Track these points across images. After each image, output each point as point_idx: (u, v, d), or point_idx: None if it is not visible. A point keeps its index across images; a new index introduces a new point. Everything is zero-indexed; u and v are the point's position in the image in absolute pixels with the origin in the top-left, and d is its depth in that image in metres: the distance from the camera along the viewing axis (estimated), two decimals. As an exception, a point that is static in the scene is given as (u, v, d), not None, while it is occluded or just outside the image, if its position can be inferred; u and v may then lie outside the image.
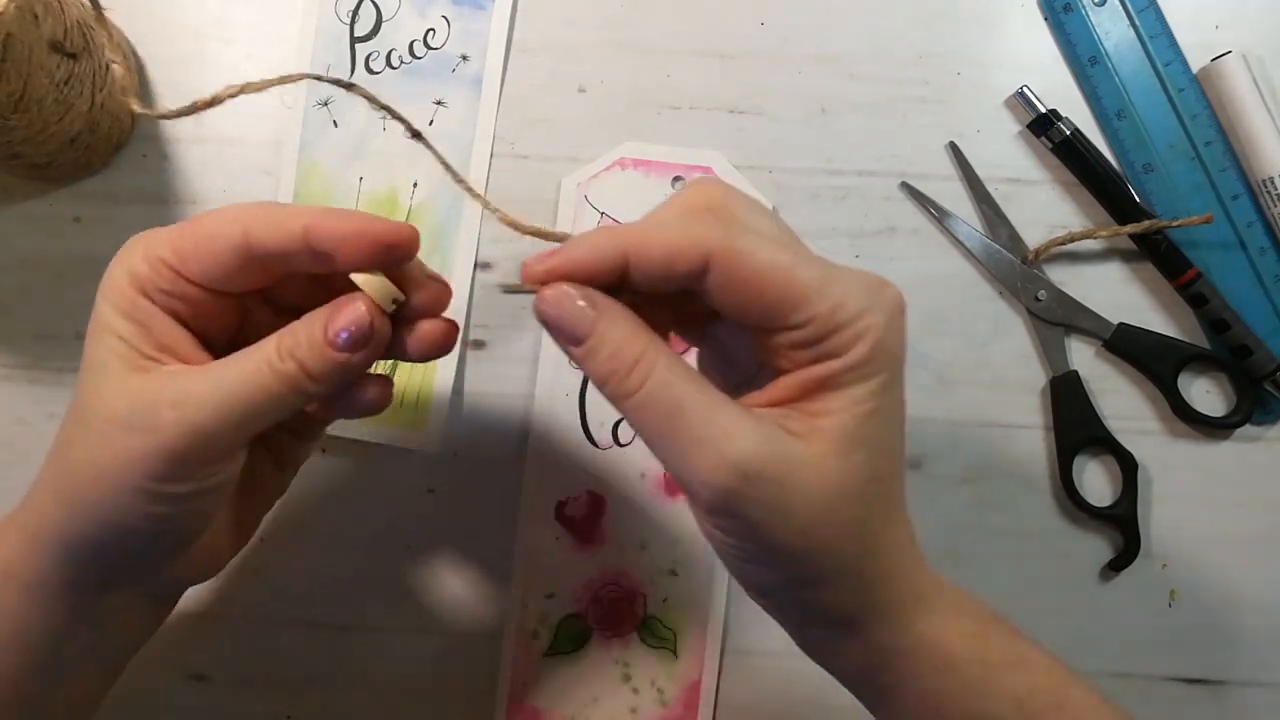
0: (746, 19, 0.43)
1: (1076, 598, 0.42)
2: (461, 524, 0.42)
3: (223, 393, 0.28)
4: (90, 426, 0.29)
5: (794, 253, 0.27)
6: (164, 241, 0.29)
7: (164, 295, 0.29)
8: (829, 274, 0.27)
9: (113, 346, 0.29)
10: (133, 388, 0.28)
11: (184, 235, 0.29)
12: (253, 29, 0.43)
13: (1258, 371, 0.41)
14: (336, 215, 0.29)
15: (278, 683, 0.42)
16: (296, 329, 0.29)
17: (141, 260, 0.29)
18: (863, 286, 0.27)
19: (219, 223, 0.29)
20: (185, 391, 0.28)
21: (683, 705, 0.41)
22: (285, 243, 0.29)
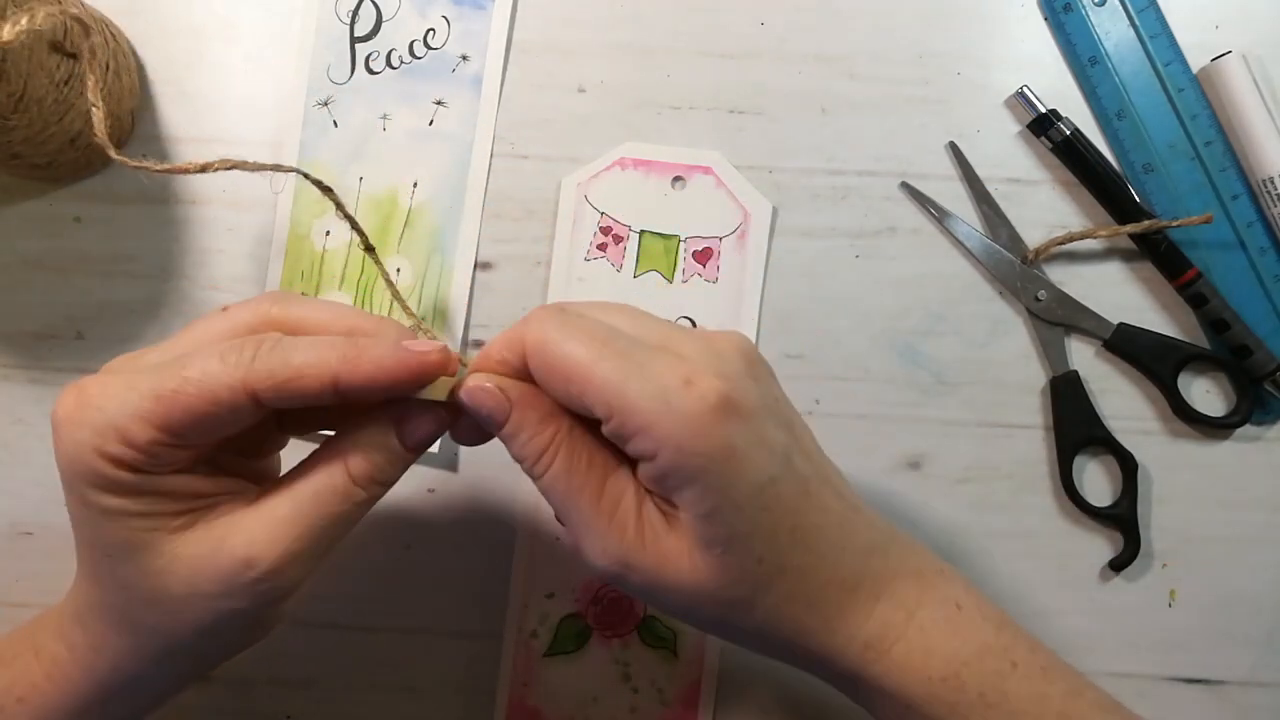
0: (746, 19, 0.43)
1: (1076, 598, 0.42)
2: (461, 524, 0.42)
3: (311, 544, 0.28)
4: (166, 604, 0.28)
5: (600, 348, 0.26)
6: (145, 423, 0.25)
7: (163, 465, 0.27)
8: (629, 371, 0.26)
9: (134, 527, 0.27)
10: (199, 556, 0.27)
11: (173, 410, 0.26)
12: (253, 29, 0.43)
13: (1258, 371, 0.41)
14: (364, 361, 0.27)
15: (278, 683, 0.42)
16: (369, 451, 0.28)
17: (120, 446, 0.26)
18: (660, 388, 0.26)
19: (216, 392, 0.26)
20: (280, 558, 0.27)
21: (683, 705, 0.41)
22: (309, 401, 0.27)
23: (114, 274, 0.42)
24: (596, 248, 0.42)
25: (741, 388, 0.27)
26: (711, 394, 0.26)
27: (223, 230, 0.42)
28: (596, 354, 0.26)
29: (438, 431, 0.29)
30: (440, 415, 0.29)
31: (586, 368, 0.26)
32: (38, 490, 0.42)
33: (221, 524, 0.28)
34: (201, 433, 0.27)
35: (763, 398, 0.28)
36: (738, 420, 0.26)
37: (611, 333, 0.27)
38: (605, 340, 0.27)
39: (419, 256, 0.42)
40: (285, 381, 0.26)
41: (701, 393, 0.26)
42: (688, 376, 0.26)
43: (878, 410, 0.42)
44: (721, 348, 0.28)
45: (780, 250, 0.43)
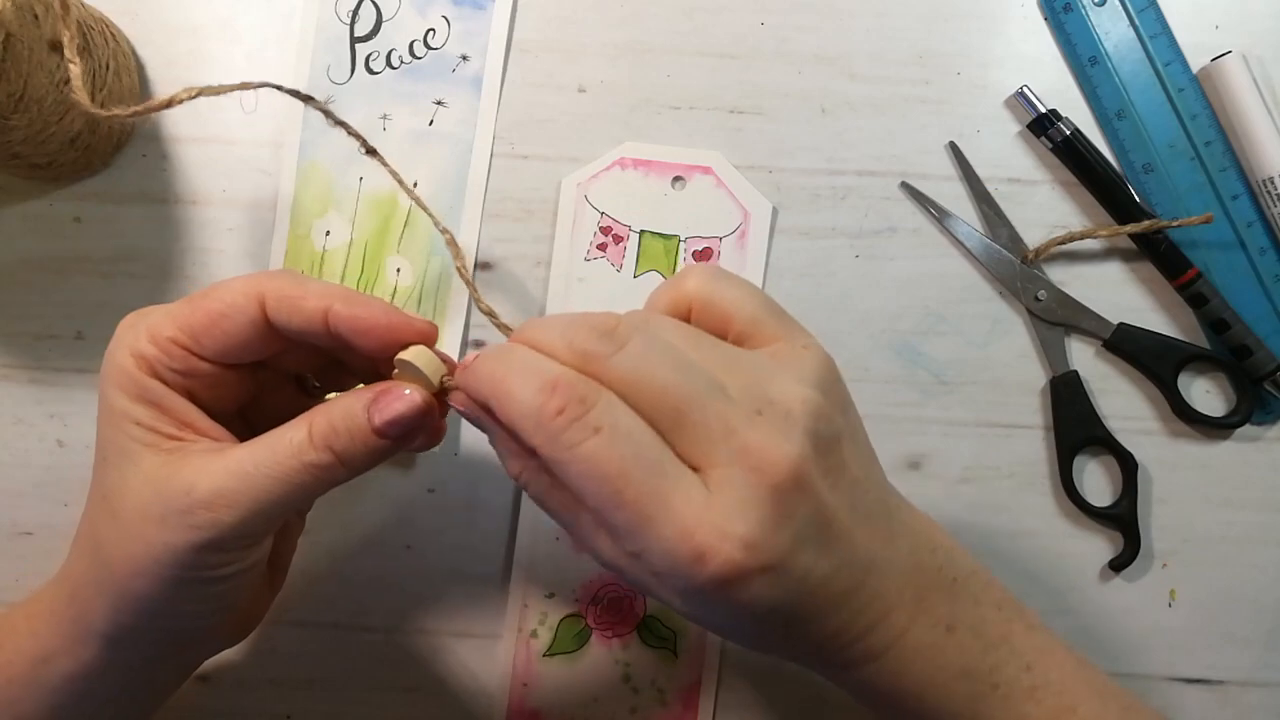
0: (746, 19, 0.43)
1: (1076, 598, 0.42)
2: (461, 524, 0.42)
3: (255, 490, 0.27)
4: (121, 519, 0.28)
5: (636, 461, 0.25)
6: (170, 320, 0.28)
7: (176, 375, 0.29)
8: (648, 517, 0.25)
9: (132, 433, 0.28)
10: (160, 478, 0.28)
11: (194, 312, 0.28)
12: (253, 29, 0.43)
13: (1258, 371, 0.41)
14: (358, 304, 0.28)
15: (278, 683, 0.42)
16: (334, 417, 0.28)
17: (148, 342, 0.28)
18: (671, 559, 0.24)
19: (232, 298, 0.28)
20: (215, 491, 0.27)
21: (682, 705, 0.41)
22: (303, 324, 0.28)
23: (114, 274, 0.42)
24: (596, 248, 0.42)
25: (769, 544, 0.25)
26: (722, 567, 0.24)
27: (223, 230, 0.42)
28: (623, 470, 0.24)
29: (408, 417, 0.28)
30: (412, 401, 0.28)
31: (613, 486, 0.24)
32: (38, 490, 0.42)
33: (197, 460, 0.28)
34: (215, 340, 0.28)
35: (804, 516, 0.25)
36: (757, 577, 0.25)
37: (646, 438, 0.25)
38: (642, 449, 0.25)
39: (419, 256, 0.42)
40: (291, 298, 0.28)
41: (712, 571, 0.24)
42: (702, 551, 0.24)
43: (878, 410, 0.42)
44: (786, 406, 0.26)
45: (780, 250, 0.43)
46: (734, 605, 0.25)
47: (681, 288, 0.29)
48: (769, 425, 0.25)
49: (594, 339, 0.25)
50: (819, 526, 0.26)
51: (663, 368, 0.25)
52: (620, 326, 0.26)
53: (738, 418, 0.25)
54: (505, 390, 0.25)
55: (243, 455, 0.28)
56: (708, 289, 0.28)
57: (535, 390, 0.25)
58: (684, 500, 0.24)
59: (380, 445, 0.28)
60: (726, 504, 0.24)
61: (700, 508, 0.24)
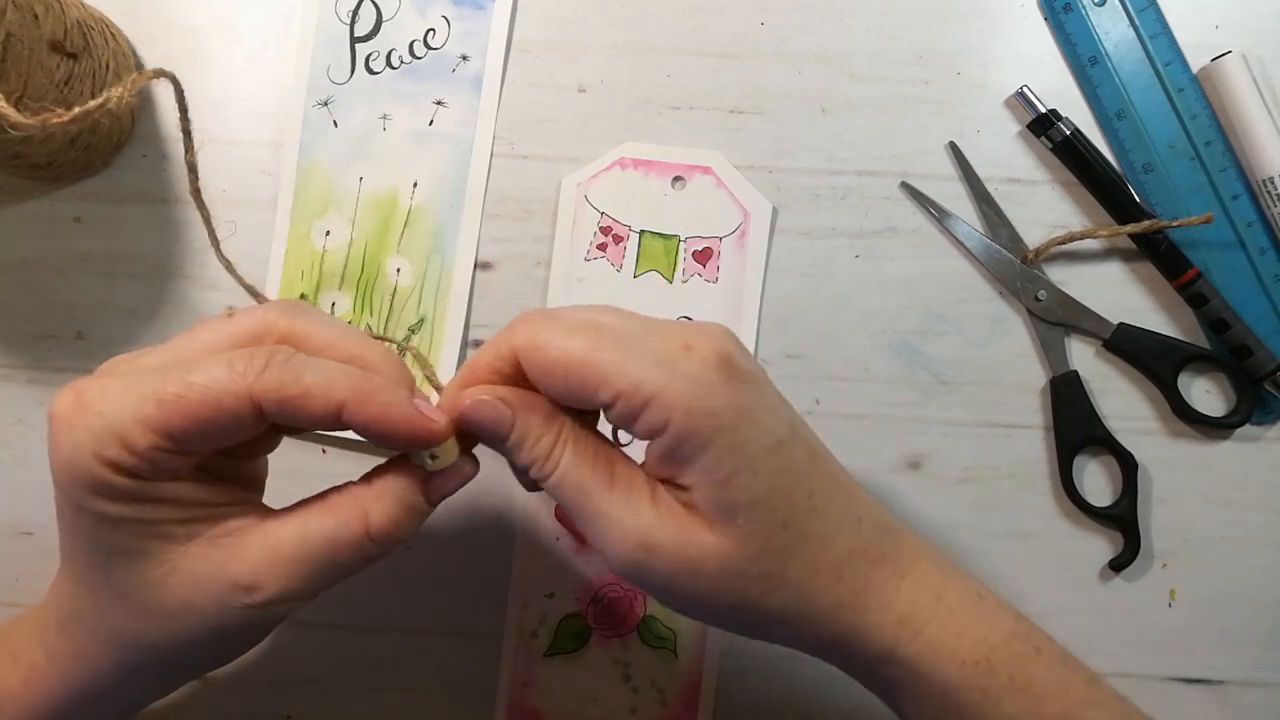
0: (746, 19, 0.43)
1: (1076, 598, 0.42)
2: (461, 524, 0.42)
3: (305, 584, 0.28)
4: (170, 613, 0.27)
5: (595, 337, 0.27)
6: (143, 426, 0.25)
7: (166, 472, 0.26)
8: (627, 351, 0.27)
9: (140, 532, 0.27)
10: (203, 579, 0.27)
11: (172, 415, 0.25)
12: (253, 29, 0.43)
13: (1258, 371, 0.41)
14: (371, 403, 0.27)
15: (278, 683, 0.42)
16: (390, 511, 0.28)
17: (120, 450, 0.25)
18: (660, 357, 0.27)
19: (218, 399, 0.25)
20: (262, 588, 0.27)
21: (682, 705, 0.41)
22: (310, 424, 0.27)
23: (114, 274, 0.42)
24: (596, 248, 0.42)
25: (740, 353, 0.28)
26: (712, 355, 0.27)
27: (223, 230, 0.42)
28: (592, 343, 0.27)
29: (461, 485, 0.30)
30: (464, 472, 0.30)
31: (584, 356, 0.27)
32: (38, 490, 0.42)
33: (226, 544, 0.27)
34: (202, 440, 0.26)
35: (757, 366, 0.29)
36: (741, 380, 0.27)
37: (600, 322, 0.28)
38: (598, 330, 0.27)
39: (419, 256, 0.42)
40: (292, 398, 0.26)
41: (703, 354, 0.27)
42: (686, 343, 0.27)
43: (878, 410, 0.42)
44: (708, 328, 0.29)
45: (780, 250, 0.43)
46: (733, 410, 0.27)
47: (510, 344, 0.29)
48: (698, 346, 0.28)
49: None
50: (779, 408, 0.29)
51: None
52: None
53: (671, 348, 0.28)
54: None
55: (292, 550, 0.27)
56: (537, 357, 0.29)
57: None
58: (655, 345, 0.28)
59: (427, 515, 0.30)
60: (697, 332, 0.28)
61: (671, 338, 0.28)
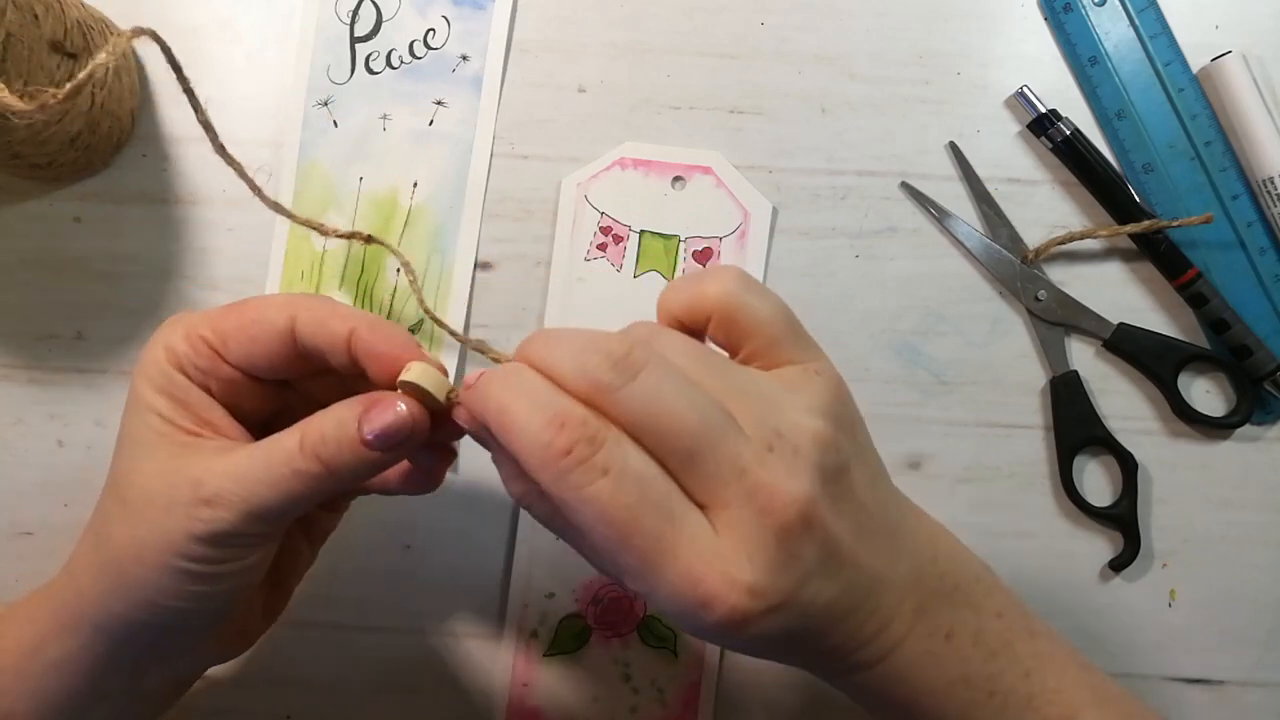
0: (746, 19, 0.43)
1: (1076, 598, 0.42)
2: (461, 524, 0.42)
3: (247, 493, 0.28)
4: (128, 504, 0.29)
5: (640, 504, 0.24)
6: (205, 321, 0.30)
7: (200, 373, 0.29)
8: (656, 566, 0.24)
9: (151, 424, 0.29)
10: (171, 469, 0.28)
11: (227, 316, 0.29)
12: (253, 29, 0.43)
13: (1258, 371, 0.41)
14: (382, 330, 0.29)
15: (278, 683, 0.42)
16: (324, 425, 0.28)
17: (181, 339, 0.29)
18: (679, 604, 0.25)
19: (264, 308, 0.29)
20: (216, 489, 0.28)
21: (683, 705, 0.41)
22: (327, 342, 0.29)
23: (114, 274, 0.42)
24: (596, 248, 0.42)
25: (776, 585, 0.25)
26: (729, 614, 0.24)
27: (223, 230, 0.42)
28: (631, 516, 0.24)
29: (396, 429, 0.28)
30: (401, 414, 0.28)
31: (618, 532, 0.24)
32: (38, 490, 0.42)
33: (206, 455, 0.29)
34: (243, 347, 0.29)
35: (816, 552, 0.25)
36: (762, 619, 0.25)
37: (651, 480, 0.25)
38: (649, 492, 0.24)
39: (419, 256, 0.42)
40: (320, 316, 0.29)
41: (718, 617, 0.24)
42: (709, 598, 0.24)
43: (878, 410, 0.42)
44: (795, 441, 0.25)
45: (780, 250, 0.43)
46: (739, 640, 0.25)
47: (704, 293, 0.28)
48: (778, 463, 0.25)
49: (606, 368, 0.24)
50: (825, 559, 0.26)
51: (676, 403, 0.24)
52: (632, 354, 0.25)
53: (748, 456, 0.25)
54: (510, 419, 0.25)
55: (241, 457, 0.28)
56: (733, 300, 0.28)
57: (542, 425, 0.24)
58: (690, 545, 0.24)
59: (369, 457, 0.28)
60: (734, 548, 0.24)
61: (707, 552, 0.24)
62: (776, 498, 0.24)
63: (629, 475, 0.24)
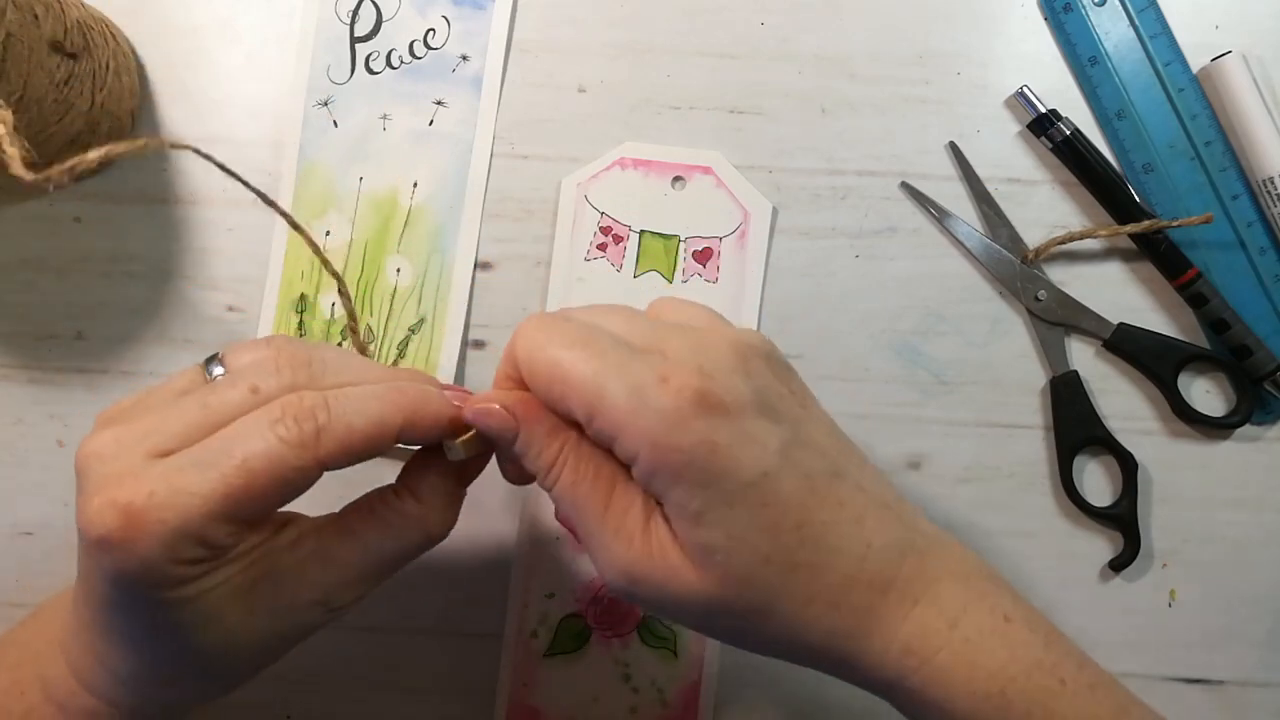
0: (746, 19, 0.43)
1: (1076, 598, 0.42)
2: (462, 524, 0.42)
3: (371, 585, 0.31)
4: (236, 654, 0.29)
5: (582, 353, 0.27)
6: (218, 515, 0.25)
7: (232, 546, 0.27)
8: (608, 374, 0.26)
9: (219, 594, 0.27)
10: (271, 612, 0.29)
11: (246, 498, 0.26)
12: (253, 29, 0.43)
13: (1258, 371, 0.41)
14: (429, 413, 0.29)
15: (278, 682, 0.42)
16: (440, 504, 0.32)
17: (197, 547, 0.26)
18: (635, 386, 0.26)
19: (285, 471, 0.26)
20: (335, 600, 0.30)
21: (683, 705, 0.41)
22: (374, 454, 0.29)
23: (114, 274, 0.42)
24: (596, 248, 0.42)
25: (725, 384, 0.27)
26: (686, 390, 0.26)
27: (223, 230, 0.42)
28: (575, 356, 0.27)
29: (484, 466, 0.33)
30: (488, 452, 0.32)
31: (565, 370, 0.27)
32: (38, 490, 0.42)
33: (290, 578, 0.29)
34: (272, 508, 0.28)
35: (754, 392, 0.27)
36: (718, 416, 0.26)
37: (594, 334, 0.27)
38: (586, 342, 0.27)
39: (419, 256, 0.42)
40: (355, 446, 0.27)
41: (676, 388, 0.26)
42: (664, 374, 0.26)
43: (878, 410, 0.42)
44: (712, 342, 0.28)
45: (780, 250, 0.43)
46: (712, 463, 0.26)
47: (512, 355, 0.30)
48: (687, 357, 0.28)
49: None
50: (781, 415, 0.28)
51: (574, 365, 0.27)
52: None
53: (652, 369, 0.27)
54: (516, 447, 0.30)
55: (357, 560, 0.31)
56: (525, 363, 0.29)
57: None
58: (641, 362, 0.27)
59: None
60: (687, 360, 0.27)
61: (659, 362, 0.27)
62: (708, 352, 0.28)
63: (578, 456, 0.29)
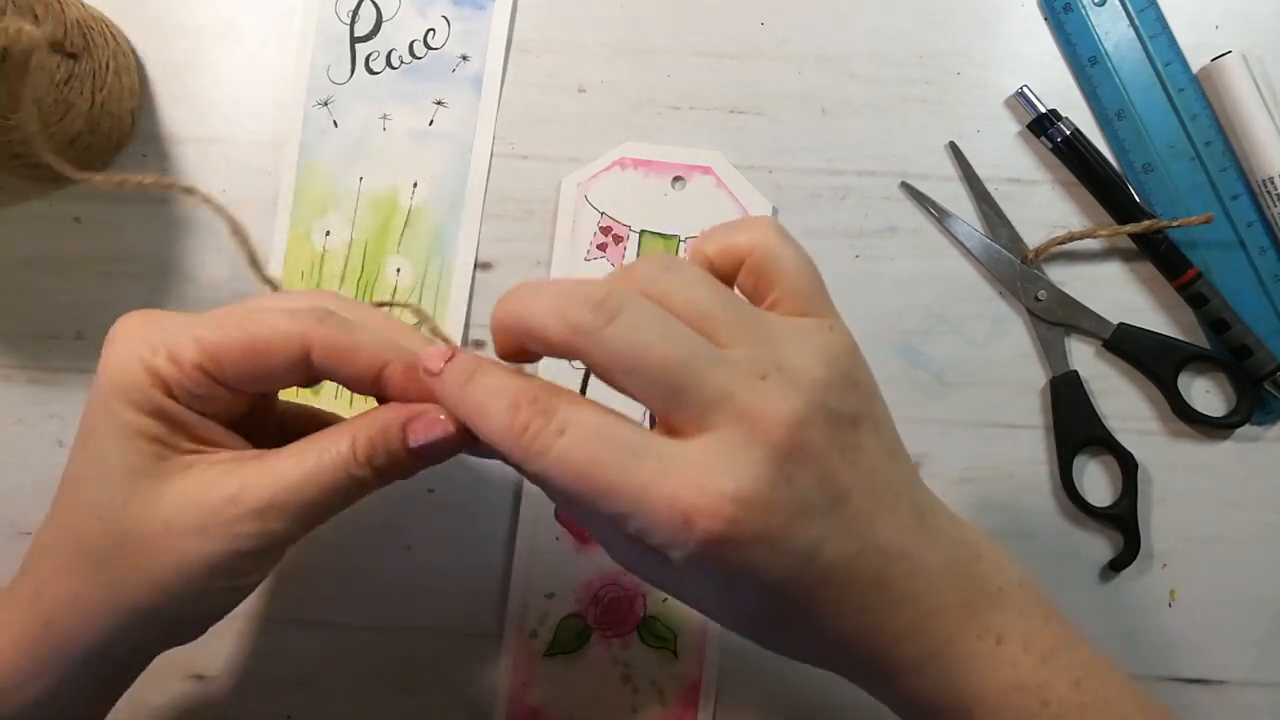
0: (746, 19, 0.43)
1: (1076, 598, 0.42)
2: (461, 524, 0.42)
3: (303, 498, 0.27)
4: (139, 537, 0.27)
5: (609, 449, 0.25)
6: (196, 345, 0.27)
7: (193, 399, 0.27)
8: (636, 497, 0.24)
9: (144, 450, 0.27)
10: (196, 490, 0.27)
11: (225, 340, 0.27)
12: (253, 29, 0.43)
13: (1258, 371, 0.41)
14: (413, 373, 0.28)
15: (278, 683, 0.42)
16: (374, 434, 0.28)
17: (166, 360, 0.27)
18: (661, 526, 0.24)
19: (272, 335, 0.27)
20: (265, 500, 0.27)
21: (683, 705, 0.41)
22: (350, 376, 0.28)
23: (114, 274, 0.42)
24: (596, 248, 0.42)
25: (763, 489, 0.24)
26: (711, 524, 0.23)
27: (223, 230, 0.42)
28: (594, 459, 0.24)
29: (441, 444, 0.28)
30: (447, 429, 0.28)
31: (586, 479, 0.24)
32: (38, 490, 0.42)
33: (219, 468, 0.28)
34: (247, 375, 0.27)
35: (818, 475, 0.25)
36: (754, 544, 0.24)
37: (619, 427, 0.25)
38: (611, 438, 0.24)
39: (419, 256, 0.42)
40: (342, 350, 0.27)
41: (701, 532, 0.23)
42: (687, 513, 0.23)
43: (878, 410, 0.42)
44: (794, 374, 0.25)
45: (780, 250, 0.43)
46: (736, 574, 0.24)
47: (737, 239, 0.28)
48: (769, 388, 0.24)
49: (584, 313, 0.25)
50: (829, 500, 0.25)
51: (656, 339, 0.24)
52: (609, 299, 0.25)
53: (737, 382, 0.24)
54: (480, 414, 0.26)
55: (287, 465, 0.28)
56: (764, 247, 0.28)
57: (503, 411, 0.25)
58: (662, 470, 0.24)
59: (412, 465, 0.29)
60: (714, 462, 0.24)
61: (685, 473, 0.24)
62: (766, 413, 0.24)
63: (585, 427, 0.24)
